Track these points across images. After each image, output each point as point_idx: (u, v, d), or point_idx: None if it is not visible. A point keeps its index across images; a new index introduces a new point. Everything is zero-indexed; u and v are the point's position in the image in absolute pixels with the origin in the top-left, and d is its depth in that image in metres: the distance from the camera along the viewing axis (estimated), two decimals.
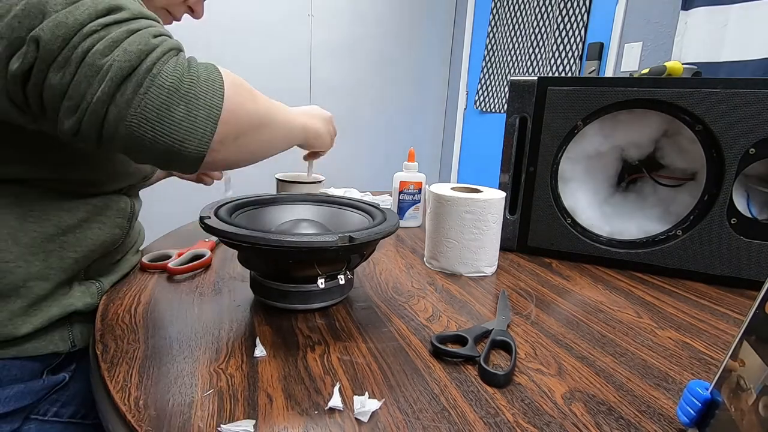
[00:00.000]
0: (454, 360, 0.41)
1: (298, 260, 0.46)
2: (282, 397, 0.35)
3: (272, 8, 2.51)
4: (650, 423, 0.34)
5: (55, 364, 0.48)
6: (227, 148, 0.40)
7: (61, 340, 0.48)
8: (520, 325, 0.49)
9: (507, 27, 2.59)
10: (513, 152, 0.74)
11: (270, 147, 0.48)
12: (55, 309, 0.47)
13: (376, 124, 2.99)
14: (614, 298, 0.59)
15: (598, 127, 0.70)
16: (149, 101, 0.35)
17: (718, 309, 0.57)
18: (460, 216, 0.62)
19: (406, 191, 0.87)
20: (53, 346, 0.47)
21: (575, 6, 2.15)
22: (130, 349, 0.40)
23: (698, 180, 0.68)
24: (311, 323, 0.47)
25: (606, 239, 0.72)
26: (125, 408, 0.32)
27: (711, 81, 0.61)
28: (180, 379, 0.36)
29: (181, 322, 0.46)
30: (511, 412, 0.34)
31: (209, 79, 0.38)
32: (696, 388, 0.31)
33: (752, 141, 0.60)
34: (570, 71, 2.19)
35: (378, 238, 0.46)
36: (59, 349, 0.48)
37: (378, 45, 2.86)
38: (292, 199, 0.60)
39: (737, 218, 0.62)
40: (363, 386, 0.36)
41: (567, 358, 0.43)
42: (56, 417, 0.47)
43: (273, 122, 0.46)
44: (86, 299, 0.50)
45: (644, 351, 0.45)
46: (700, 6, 1.62)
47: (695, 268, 0.66)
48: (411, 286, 0.59)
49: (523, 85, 0.72)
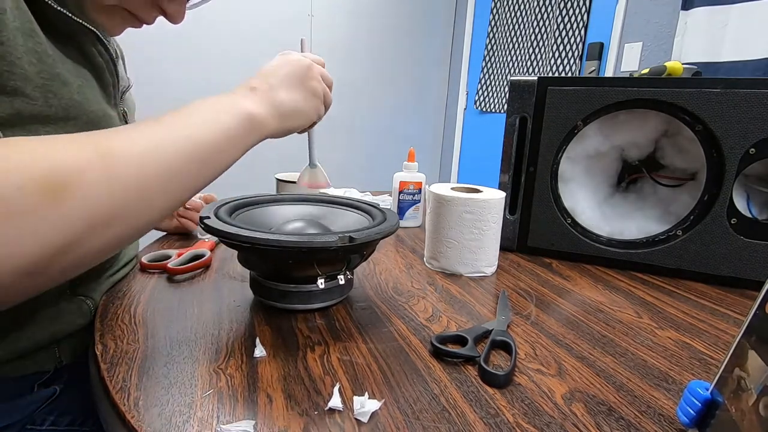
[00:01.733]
0: (454, 360, 0.41)
1: (298, 260, 0.46)
2: (282, 397, 0.35)
3: (272, 8, 2.51)
4: (650, 423, 0.34)
5: (44, 378, 0.47)
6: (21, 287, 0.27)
7: (47, 358, 0.46)
8: (520, 325, 0.49)
9: (507, 27, 2.59)
10: (513, 152, 0.74)
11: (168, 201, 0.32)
12: (41, 335, 0.44)
13: (376, 124, 2.99)
14: (614, 298, 0.59)
15: (598, 127, 0.70)
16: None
17: (719, 309, 0.57)
18: (460, 216, 0.62)
19: (406, 191, 0.87)
20: (37, 366, 0.45)
21: (575, 6, 2.15)
22: (129, 349, 0.40)
23: (698, 180, 0.68)
24: (311, 323, 0.47)
25: (606, 239, 0.72)
26: (125, 408, 0.32)
27: (711, 81, 0.61)
28: (180, 379, 0.36)
29: (181, 322, 0.46)
30: (511, 412, 0.34)
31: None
32: (696, 389, 0.31)
33: (752, 141, 0.60)
34: (570, 71, 2.19)
35: (378, 238, 0.46)
36: (44, 369, 0.46)
37: (378, 45, 2.86)
38: (292, 199, 0.60)
39: (737, 218, 0.62)
40: (363, 386, 0.36)
41: (567, 358, 0.43)
42: (54, 426, 0.46)
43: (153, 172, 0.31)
44: (78, 321, 0.47)
45: (644, 351, 0.45)
46: (700, 6, 1.62)
47: (695, 268, 0.66)
48: (411, 286, 0.59)
49: (523, 85, 0.72)
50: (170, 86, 2.36)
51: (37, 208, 0.25)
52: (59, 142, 0.28)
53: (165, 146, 0.32)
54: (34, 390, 0.46)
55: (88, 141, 0.29)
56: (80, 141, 0.29)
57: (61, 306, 0.46)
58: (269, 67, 0.46)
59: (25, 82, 0.37)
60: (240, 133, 0.39)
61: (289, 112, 0.44)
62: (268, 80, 0.44)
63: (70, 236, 0.27)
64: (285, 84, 0.44)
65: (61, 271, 0.29)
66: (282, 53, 0.48)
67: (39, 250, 0.26)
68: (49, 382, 0.47)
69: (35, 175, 0.25)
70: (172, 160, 0.32)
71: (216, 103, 0.39)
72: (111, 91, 0.51)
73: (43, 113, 0.39)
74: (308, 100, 0.46)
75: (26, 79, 0.37)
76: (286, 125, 0.44)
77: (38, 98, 0.39)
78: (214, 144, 0.36)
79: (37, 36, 0.38)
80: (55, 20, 0.41)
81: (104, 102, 0.49)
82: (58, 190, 0.26)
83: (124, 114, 0.54)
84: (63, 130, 0.41)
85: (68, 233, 0.27)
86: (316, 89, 0.47)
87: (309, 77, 0.46)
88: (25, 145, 0.27)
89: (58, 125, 0.41)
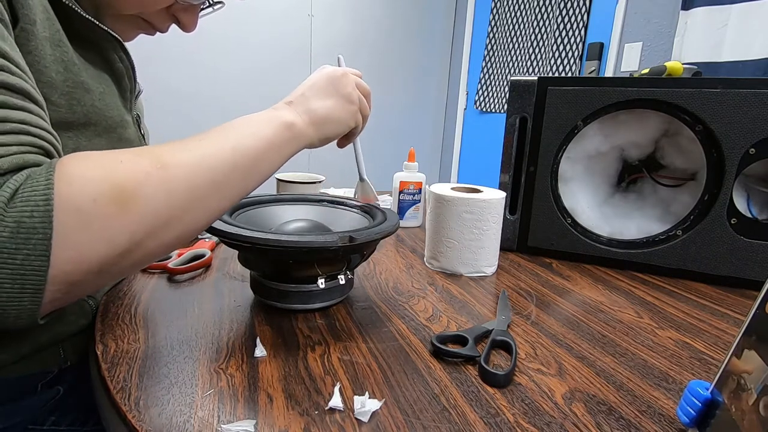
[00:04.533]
0: (454, 360, 0.41)
1: (298, 260, 0.46)
2: (282, 397, 0.35)
3: (272, 8, 2.51)
4: (650, 423, 0.34)
5: (48, 378, 0.47)
6: (91, 284, 0.30)
7: (51, 359, 0.46)
8: (520, 325, 0.49)
9: (507, 27, 2.59)
10: (513, 152, 0.74)
11: (217, 206, 0.35)
12: (44, 336, 0.44)
13: (376, 124, 2.99)
14: (614, 298, 0.59)
15: (598, 127, 0.70)
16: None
17: (719, 309, 0.57)
18: (460, 216, 0.62)
19: (406, 191, 0.87)
20: (41, 367, 0.45)
21: (575, 6, 2.15)
22: (130, 349, 0.40)
23: (698, 180, 0.68)
24: (311, 323, 0.47)
25: (606, 239, 0.72)
26: (126, 408, 0.32)
27: (711, 81, 0.61)
28: (180, 379, 0.36)
29: (181, 322, 0.46)
30: (511, 412, 0.34)
31: (26, 228, 0.26)
32: (696, 388, 0.31)
33: (752, 141, 0.60)
34: (570, 71, 2.20)
35: (378, 238, 0.46)
36: (48, 369, 0.46)
37: (378, 45, 2.86)
38: (292, 199, 0.60)
39: (737, 218, 0.62)
40: (363, 386, 0.36)
41: (567, 358, 0.43)
42: (55, 425, 0.46)
43: (208, 182, 0.34)
44: (80, 321, 0.47)
45: (644, 351, 0.45)
46: (700, 6, 1.62)
47: (695, 268, 0.66)
48: (411, 286, 0.59)
49: (523, 85, 0.72)
50: (170, 86, 2.36)
51: (108, 216, 0.28)
52: (122, 155, 0.31)
53: (211, 158, 0.35)
54: (38, 390, 0.46)
55: (145, 154, 0.32)
56: (139, 155, 0.32)
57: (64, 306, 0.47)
58: (306, 82, 0.47)
59: (51, 90, 0.39)
60: (280, 142, 0.40)
61: (324, 119, 0.45)
62: (304, 93, 0.46)
63: (135, 239, 0.30)
64: (319, 93, 0.46)
65: (123, 270, 0.32)
66: (319, 69, 0.49)
67: (108, 252, 0.29)
68: (53, 383, 0.47)
69: (106, 188, 0.29)
70: (218, 170, 0.35)
71: (256, 117, 0.41)
72: (128, 96, 0.52)
73: (67, 119, 0.41)
74: (343, 107, 0.47)
75: (52, 87, 0.39)
76: (322, 132, 0.46)
77: (63, 105, 0.40)
78: (255, 154, 0.38)
79: (65, 45, 0.40)
80: (80, 28, 0.43)
81: (122, 107, 0.50)
82: (124, 200, 0.29)
83: (137, 118, 0.55)
84: (83, 135, 0.44)
85: (133, 237, 0.30)
86: (351, 95, 0.48)
87: (343, 84, 0.47)
88: (93, 161, 0.30)
89: (79, 131, 0.43)
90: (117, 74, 0.49)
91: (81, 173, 0.29)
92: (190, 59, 2.39)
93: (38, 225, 0.26)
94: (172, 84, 2.36)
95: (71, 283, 0.29)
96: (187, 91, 2.42)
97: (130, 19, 0.49)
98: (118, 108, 0.49)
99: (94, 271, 0.29)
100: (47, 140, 0.32)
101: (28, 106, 0.31)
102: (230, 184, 0.36)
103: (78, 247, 0.28)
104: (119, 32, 0.48)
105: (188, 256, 0.62)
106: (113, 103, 0.48)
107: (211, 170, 0.34)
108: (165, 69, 2.33)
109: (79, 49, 0.44)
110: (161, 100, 2.31)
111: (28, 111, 0.31)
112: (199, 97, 2.44)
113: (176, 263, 0.59)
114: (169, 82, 2.35)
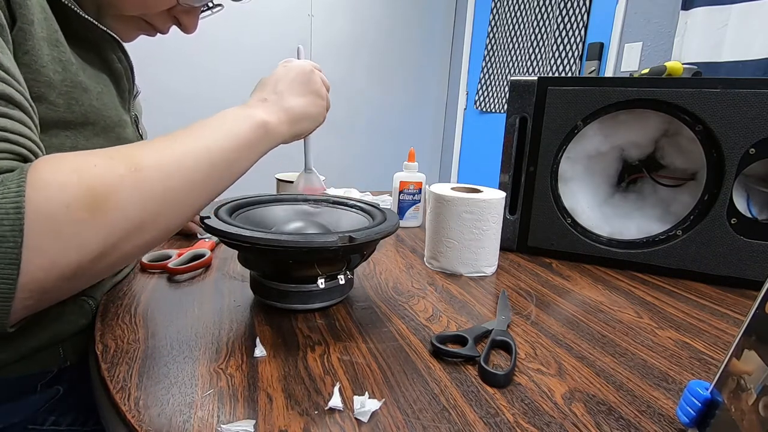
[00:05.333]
0: (454, 360, 0.41)
1: (299, 260, 0.46)
2: (282, 397, 0.35)
3: (272, 8, 2.51)
4: (650, 423, 0.34)
5: (48, 378, 0.47)
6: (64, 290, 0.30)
7: (51, 359, 0.46)
8: (520, 325, 0.49)
9: (507, 27, 2.59)
10: (513, 152, 0.74)
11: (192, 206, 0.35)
12: (44, 336, 0.44)
13: (376, 124, 2.99)
14: (614, 298, 0.59)
15: (598, 127, 0.70)
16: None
17: (719, 309, 0.57)
18: (460, 216, 0.62)
19: (406, 191, 0.87)
20: (41, 367, 0.46)
21: (575, 6, 2.16)
22: (130, 349, 0.40)
23: (698, 180, 0.68)
24: (311, 323, 0.47)
25: (606, 239, 0.72)
26: (125, 408, 0.32)
27: (711, 81, 0.61)
28: (180, 379, 0.36)
29: (181, 322, 0.46)
30: (511, 412, 0.34)
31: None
32: (696, 388, 0.31)
33: (752, 141, 0.60)
34: (570, 71, 2.20)
35: (378, 238, 0.46)
36: (48, 369, 0.46)
37: (378, 45, 2.86)
38: (293, 199, 0.60)
39: (737, 218, 0.62)
40: (363, 386, 0.36)
41: (567, 358, 0.43)
42: (55, 425, 0.46)
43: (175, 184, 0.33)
44: (80, 321, 0.47)
45: (644, 351, 0.45)
46: (700, 6, 1.62)
47: (695, 268, 0.66)
48: (411, 286, 0.59)
49: (523, 85, 0.72)
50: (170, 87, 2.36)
51: (80, 222, 0.28)
52: (94, 158, 0.30)
53: (186, 158, 0.34)
54: (38, 390, 0.46)
55: (119, 157, 0.31)
56: (112, 157, 0.31)
57: (64, 306, 0.46)
58: (275, 77, 0.47)
59: (49, 89, 0.39)
60: (254, 141, 0.41)
61: (299, 117, 0.46)
62: (276, 89, 0.46)
63: (108, 244, 0.30)
64: (293, 90, 0.47)
65: (97, 274, 0.31)
66: (283, 63, 0.50)
67: (80, 258, 0.29)
68: (53, 383, 0.47)
69: (79, 193, 0.28)
70: (193, 170, 0.35)
71: (231, 114, 0.41)
72: (126, 97, 0.52)
73: (65, 119, 0.41)
74: (315, 103, 0.49)
75: (50, 86, 0.39)
76: (296, 129, 0.46)
77: (61, 104, 0.40)
78: (230, 152, 0.38)
79: (62, 45, 0.40)
80: (78, 28, 0.43)
81: (120, 107, 0.50)
82: (97, 205, 0.28)
83: (135, 119, 0.55)
84: (81, 134, 0.44)
85: (106, 241, 0.29)
86: (321, 91, 0.49)
87: (313, 81, 0.49)
88: (66, 165, 0.29)
89: (77, 130, 0.43)
90: (115, 74, 0.49)
91: (52, 178, 0.28)
92: (190, 60, 2.39)
93: (8, 233, 0.26)
94: (171, 85, 2.36)
95: (43, 290, 0.28)
96: (186, 92, 2.42)
97: (131, 19, 0.49)
98: (116, 108, 0.49)
99: (66, 277, 0.29)
100: (26, 147, 0.31)
101: (10, 112, 0.31)
102: (206, 183, 0.36)
103: (49, 255, 0.27)
104: (120, 33, 0.48)
105: (188, 256, 0.62)
106: (111, 103, 0.48)
107: (187, 170, 0.34)
108: (164, 70, 2.33)
109: (78, 49, 0.44)
110: (161, 101, 2.30)
111: (9, 117, 0.30)
112: (199, 98, 2.44)
113: (176, 263, 0.59)
114: (169, 83, 2.35)
